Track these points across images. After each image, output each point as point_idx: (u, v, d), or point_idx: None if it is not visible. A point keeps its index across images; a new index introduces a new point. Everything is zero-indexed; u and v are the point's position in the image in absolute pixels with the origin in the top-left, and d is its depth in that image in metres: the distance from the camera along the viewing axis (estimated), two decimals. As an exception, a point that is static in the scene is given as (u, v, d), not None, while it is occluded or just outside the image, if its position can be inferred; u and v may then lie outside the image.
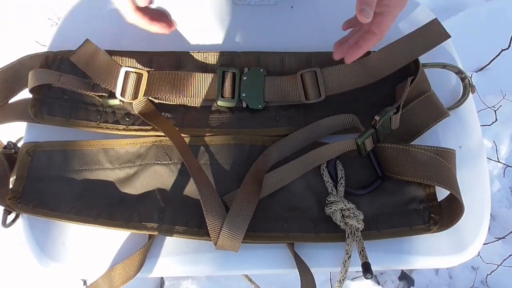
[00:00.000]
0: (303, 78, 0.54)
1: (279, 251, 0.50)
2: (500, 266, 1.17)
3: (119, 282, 0.47)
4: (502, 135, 1.33)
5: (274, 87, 0.54)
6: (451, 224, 0.48)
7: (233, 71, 0.55)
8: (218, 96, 0.54)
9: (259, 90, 0.54)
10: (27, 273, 1.07)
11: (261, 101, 0.54)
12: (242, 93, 0.54)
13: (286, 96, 0.54)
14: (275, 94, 0.54)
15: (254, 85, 0.55)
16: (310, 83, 0.53)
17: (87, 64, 0.53)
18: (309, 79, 0.54)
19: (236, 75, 0.55)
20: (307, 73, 0.54)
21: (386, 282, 1.19)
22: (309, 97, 0.54)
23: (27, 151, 0.53)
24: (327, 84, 0.53)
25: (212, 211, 0.46)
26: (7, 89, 0.55)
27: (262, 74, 0.55)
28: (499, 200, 1.28)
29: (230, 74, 0.54)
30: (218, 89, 0.54)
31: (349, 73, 0.53)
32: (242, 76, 0.55)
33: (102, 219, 0.49)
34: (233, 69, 0.55)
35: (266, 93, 0.54)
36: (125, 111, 0.55)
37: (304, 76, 0.54)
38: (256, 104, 0.54)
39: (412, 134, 0.54)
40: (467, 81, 0.58)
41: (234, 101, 0.54)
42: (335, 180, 0.52)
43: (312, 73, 0.54)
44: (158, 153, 0.53)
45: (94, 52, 0.53)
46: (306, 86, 0.54)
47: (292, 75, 0.55)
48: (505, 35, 1.23)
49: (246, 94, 0.54)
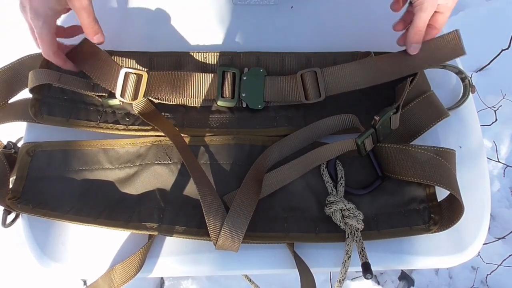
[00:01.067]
0: (303, 78, 0.54)
1: (279, 251, 0.50)
2: (500, 266, 1.17)
3: (119, 282, 0.47)
4: (502, 135, 1.33)
5: (274, 87, 0.54)
6: (451, 224, 0.48)
7: (233, 71, 0.54)
8: (218, 96, 0.54)
9: (259, 90, 0.54)
10: (27, 273, 1.07)
11: (261, 101, 0.54)
12: (242, 93, 0.54)
13: (286, 96, 0.54)
14: (275, 94, 0.54)
15: (254, 85, 0.54)
16: (310, 83, 0.53)
17: (86, 62, 0.52)
18: (309, 79, 0.53)
19: (236, 75, 0.55)
20: (307, 73, 0.54)
21: (386, 282, 1.19)
22: (309, 97, 0.54)
23: (27, 151, 0.53)
24: (327, 84, 0.53)
25: (212, 211, 0.46)
26: (7, 89, 0.55)
27: (262, 74, 0.55)
28: (499, 200, 1.28)
29: (230, 74, 0.54)
30: (218, 89, 0.54)
31: (350, 74, 0.53)
32: (242, 76, 0.55)
33: (102, 219, 0.48)
34: (233, 69, 0.55)
35: (266, 93, 0.54)
36: (125, 111, 0.55)
37: (304, 76, 0.54)
38: (256, 104, 0.54)
39: (412, 134, 0.54)
40: (467, 81, 0.58)
41: (234, 101, 0.54)
42: (335, 180, 0.52)
43: (312, 73, 0.54)
44: (158, 153, 0.53)
45: (93, 51, 0.53)
46: (306, 86, 0.54)
47: (292, 75, 0.54)
48: (505, 35, 1.23)
49: (246, 94, 0.54)
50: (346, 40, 0.59)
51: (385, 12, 0.57)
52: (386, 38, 0.57)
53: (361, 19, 0.64)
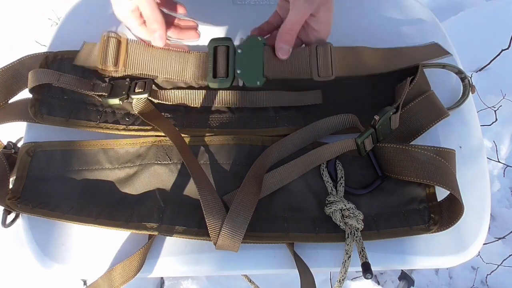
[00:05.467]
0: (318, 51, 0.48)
1: (279, 251, 0.50)
2: (500, 266, 1.17)
3: (119, 282, 0.47)
4: (502, 135, 1.33)
5: (276, 58, 0.48)
6: (451, 224, 0.48)
7: (227, 45, 0.48)
8: (209, 76, 0.47)
9: (257, 64, 0.47)
10: (27, 273, 1.07)
11: (260, 77, 0.48)
12: (236, 70, 0.47)
13: (294, 69, 0.48)
14: (279, 66, 0.48)
15: (251, 58, 0.48)
16: (322, 58, 0.48)
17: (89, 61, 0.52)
18: (321, 53, 0.48)
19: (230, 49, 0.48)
20: (320, 46, 0.48)
21: (386, 282, 1.19)
22: (322, 73, 0.48)
23: (27, 151, 0.53)
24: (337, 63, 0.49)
25: (212, 211, 0.46)
26: (7, 89, 0.55)
27: (260, 43, 0.48)
28: (499, 200, 1.28)
29: (223, 49, 0.47)
30: (211, 68, 0.47)
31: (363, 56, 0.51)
32: (236, 49, 0.48)
33: (102, 219, 0.48)
34: (227, 42, 0.48)
35: (266, 66, 0.48)
36: (124, 111, 0.55)
37: (319, 49, 0.48)
38: (254, 81, 0.48)
39: (412, 134, 0.53)
40: (467, 81, 0.58)
41: (228, 80, 0.47)
42: (335, 180, 0.52)
43: (326, 48, 0.48)
44: (158, 153, 0.53)
45: (93, 46, 0.53)
46: (319, 60, 0.48)
47: (302, 47, 0.49)
48: (505, 35, 1.23)
49: (242, 71, 0.48)
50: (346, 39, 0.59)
51: (386, 12, 0.57)
52: (387, 38, 0.57)
53: (361, 18, 0.64)
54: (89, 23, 0.62)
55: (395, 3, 0.64)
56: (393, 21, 0.62)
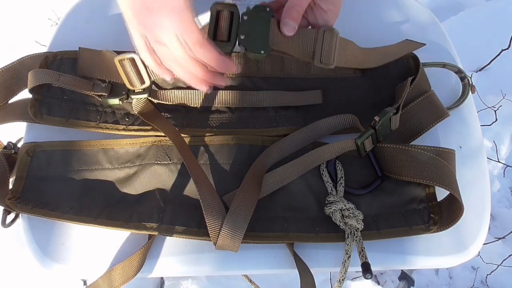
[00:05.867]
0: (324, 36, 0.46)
1: (279, 251, 0.50)
2: (500, 266, 1.17)
3: (119, 282, 0.47)
4: (502, 135, 1.33)
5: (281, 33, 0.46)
6: (451, 224, 0.48)
7: (231, 10, 0.44)
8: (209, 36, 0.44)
9: (264, 33, 0.45)
10: (27, 273, 1.07)
11: (266, 46, 0.45)
12: (240, 35, 0.45)
13: (298, 47, 0.46)
14: (284, 41, 0.45)
15: (257, 26, 0.45)
16: (328, 43, 0.46)
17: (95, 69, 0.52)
18: (328, 38, 0.46)
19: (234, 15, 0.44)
20: (328, 31, 0.46)
21: (386, 282, 1.19)
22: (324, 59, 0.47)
23: (27, 151, 0.53)
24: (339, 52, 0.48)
25: (211, 211, 0.46)
26: (7, 89, 0.55)
27: (269, 14, 0.45)
28: (499, 200, 1.28)
29: (226, 13, 0.44)
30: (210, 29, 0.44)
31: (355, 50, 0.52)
32: (243, 15, 0.45)
33: (102, 219, 0.48)
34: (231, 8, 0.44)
35: (272, 37, 0.45)
36: (124, 111, 0.55)
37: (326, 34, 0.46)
38: (258, 49, 0.45)
39: (412, 134, 0.53)
40: (466, 80, 0.58)
41: (229, 45, 0.44)
42: (335, 180, 0.52)
43: (332, 34, 0.46)
44: (157, 153, 0.53)
45: (93, 55, 0.53)
46: (324, 44, 0.46)
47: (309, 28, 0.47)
48: (505, 35, 1.23)
49: (246, 37, 0.45)
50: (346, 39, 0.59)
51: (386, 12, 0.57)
52: (387, 38, 0.57)
53: (361, 18, 0.63)
54: (89, 23, 0.62)
55: (395, 3, 0.64)
56: (393, 21, 0.62)
